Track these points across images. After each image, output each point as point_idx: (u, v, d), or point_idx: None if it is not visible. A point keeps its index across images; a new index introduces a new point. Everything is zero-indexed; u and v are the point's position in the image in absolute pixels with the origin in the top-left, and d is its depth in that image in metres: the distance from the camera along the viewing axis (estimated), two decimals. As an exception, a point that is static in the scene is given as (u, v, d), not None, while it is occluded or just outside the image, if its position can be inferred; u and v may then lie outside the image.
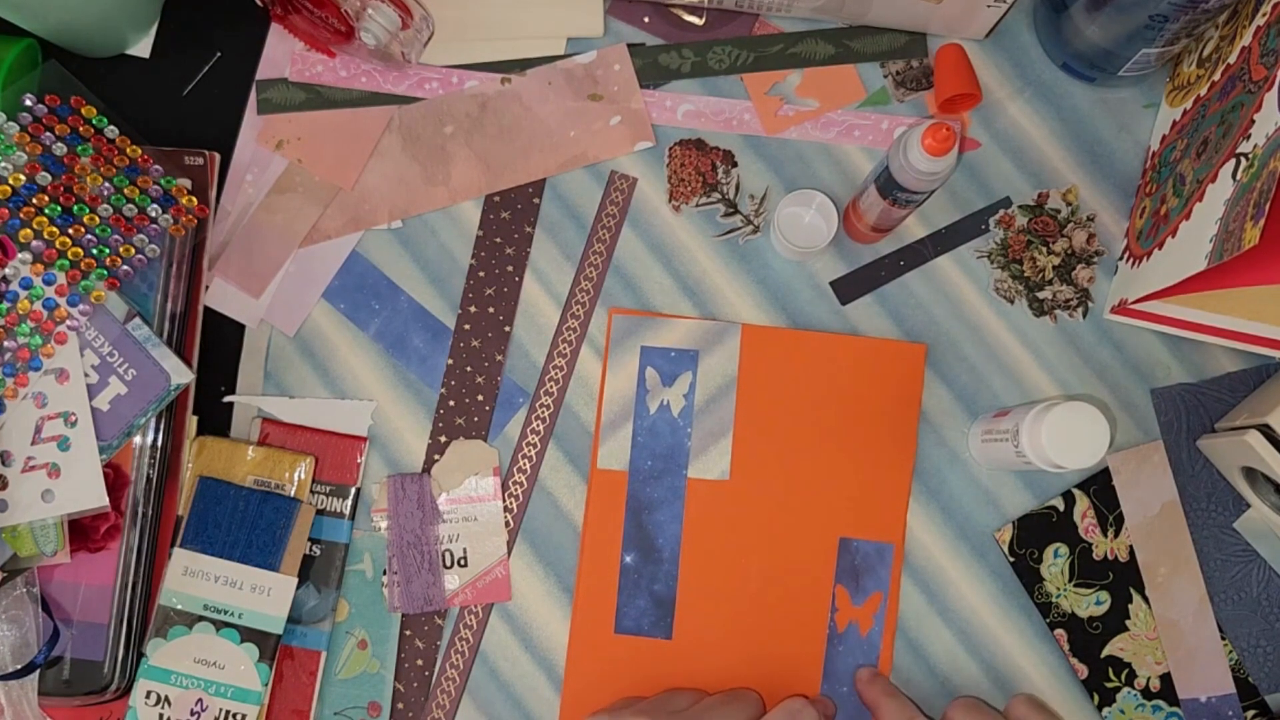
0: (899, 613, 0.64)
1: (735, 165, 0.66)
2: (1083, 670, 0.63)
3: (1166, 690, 0.63)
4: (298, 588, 0.62)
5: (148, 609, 0.61)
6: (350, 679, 0.63)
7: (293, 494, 0.63)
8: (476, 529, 0.64)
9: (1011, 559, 0.64)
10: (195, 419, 0.64)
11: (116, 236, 0.60)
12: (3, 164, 0.59)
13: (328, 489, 0.64)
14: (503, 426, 0.65)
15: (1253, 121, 0.52)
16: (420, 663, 0.63)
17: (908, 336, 0.65)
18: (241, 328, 0.66)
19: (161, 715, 0.60)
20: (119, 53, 0.67)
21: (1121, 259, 0.65)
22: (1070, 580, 0.63)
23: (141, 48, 0.67)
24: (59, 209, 0.59)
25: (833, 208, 0.64)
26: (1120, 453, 0.64)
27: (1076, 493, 0.64)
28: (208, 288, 0.65)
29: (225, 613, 0.61)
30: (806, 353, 0.64)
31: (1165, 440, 0.64)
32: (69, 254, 0.59)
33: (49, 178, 0.59)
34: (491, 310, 0.65)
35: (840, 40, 0.66)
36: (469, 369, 0.65)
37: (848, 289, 0.66)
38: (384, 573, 0.64)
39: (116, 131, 0.61)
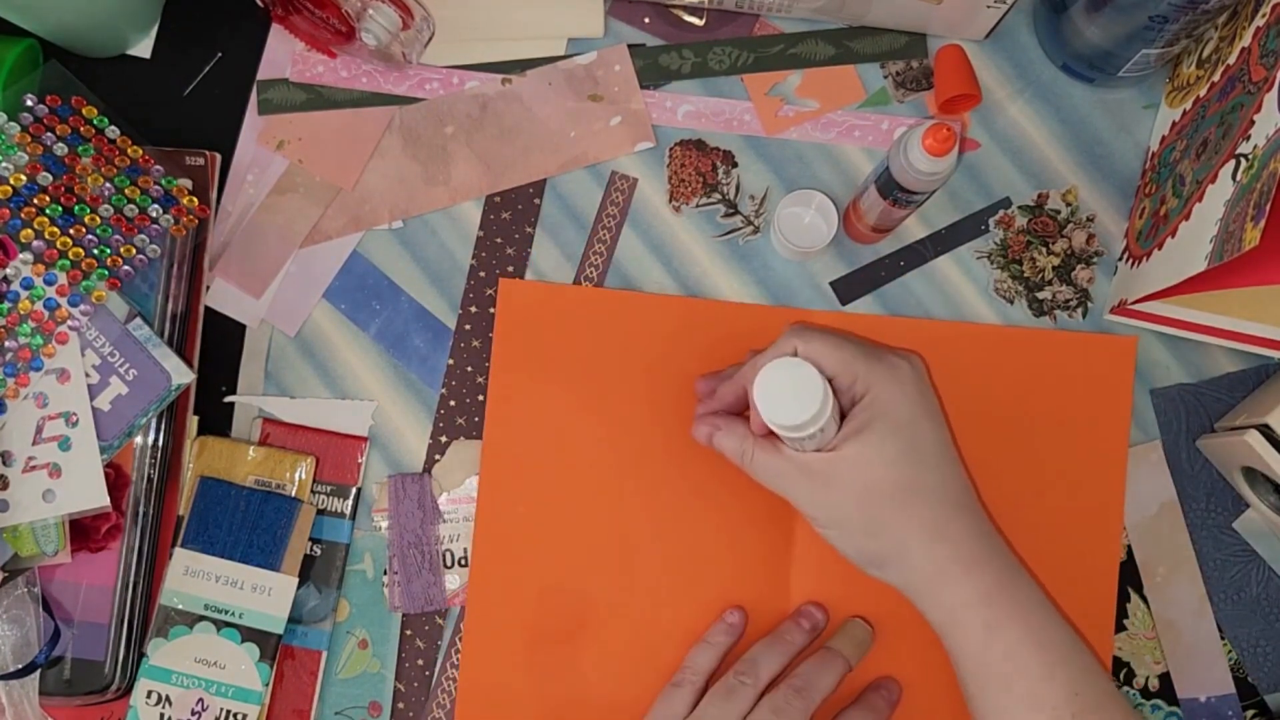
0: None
1: (735, 166, 0.67)
2: (1082, 670, 0.63)
3: (1166, 690, 0.63)
4: (298, 588, 0.62)
5: (149, 609, 0.61)
6: (351, 679, 0.63)
7: (293, 494, 0.63)
8: (477, 529, 0.64)
9: (1011, 559, 0.64)
10: (196, 419, 0.64)
11: (117, 237, 0.60)
12: (4, 164, 0.59)
13: (328, 489, 0.64)
14: (503, 426, 0.65)
15: (1252, 122, 0.53)
16: (421, 663, 0.63)
17: (908, 337, 0.66)
18: (242, 328, 0.66)
19: (162, 715, 0.60)
20: (120, 53, 0.67)
21: (1121, 259, 0.65)
22: (1070, 580, 0.64)
23: (142, 48, 0.67)
24: (60, 209, 0.59)
25: (833, 208, 0.64)
26: (1120, 453, 0.64)
27: (1076, 493, 0.64)
28: (209, 288, 0.65)
29: (226, 612, 0.61)
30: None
31: (1164, 440, 0.64)
32: (70, 254, 0.59)
33: (50, 178, 0.59)
34: (492, 310, 0.65)
35: (840, 41, 0.67)
36: (469, 369, 0.65)
37: (848, 289, 0.66)
38: (385, 573, 0.64)
39: (117, 132, 0.61)
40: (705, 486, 0.63)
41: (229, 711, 0.60)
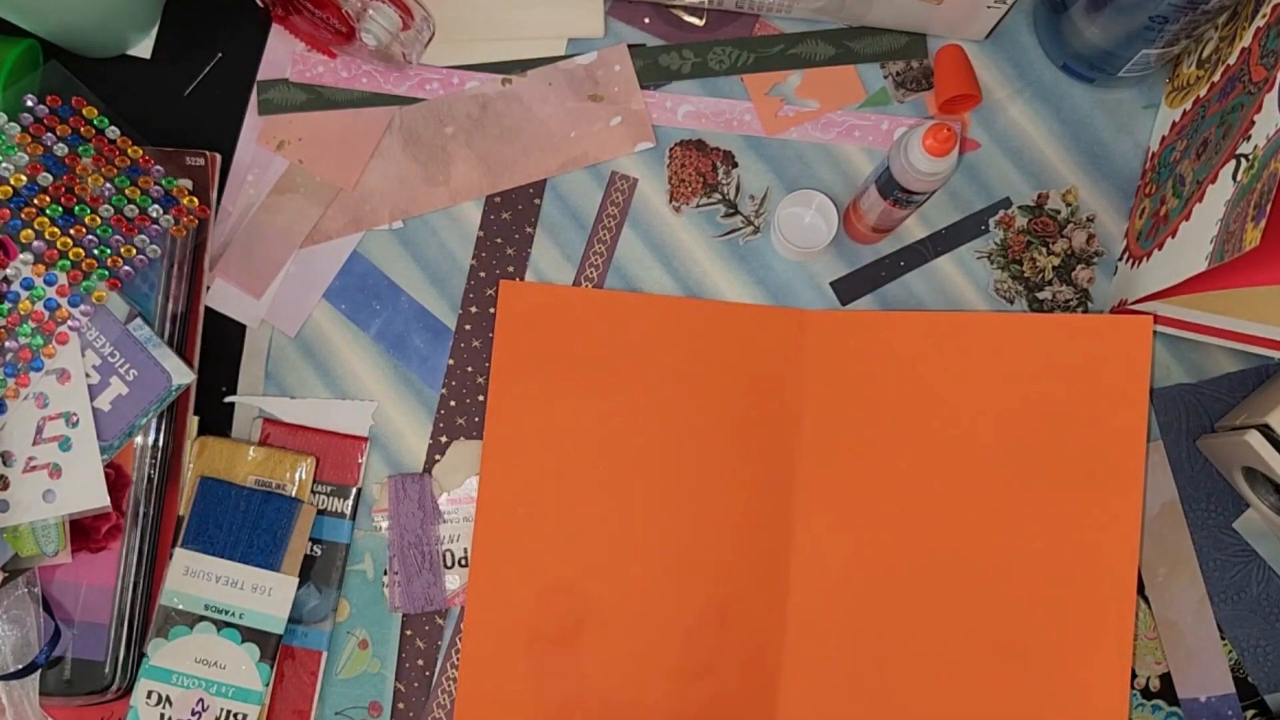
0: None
1: (736, 166, 0.67)
2: (1082, 670, 0.63)
3: (1166, 690, 0.63)
4: (299, 588, 0.62)
5: (149, 609, 0.61)
6: (351, 679, 0.63)
7: (294, 494, 0.63)
8: (477, 529, 0.64)
9: (1011, 559, 0.64)
10: (196, 419, 0.64)
11: (118, 237, 0.60)
12: (4, 164, 0.59)
13: (329, 489, 0.64)
14: (503, 427, 0.65)
15: (1252, 123, 0.52)
16: (421, 663, 0.63)
17: (908, 337, 0.65)
18: (242, 328, 0.66)
19: (163, 715, 0.60)
20: (120, 53, 0.67)
21: (1121, 259, 0.65)
22: (1070, 580, 0.64)
23: (142, 48, 0.67)
24: (60, 209, 0.59)
25: (833, 208, 0.64)
26: (1120, 453, 0.64)
27: (1076, 493, 0.64)
28: (209, 288, 0.65)
29: (226, 613, 0.61)
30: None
31: (1165, 440, 0.64)
32: (70, 254, 0.59)
33: (50, 178, 0.59)
34: (492, 310, 0.65)
35: (840, 41, 0.67)
36: (469, 369, 0.65)
37: (848, 289, 0.66)
38: (385, 573, 0.64)
39: (118, 132, 0.61)
40: (704, 486, 0.63)
41: (229, 711, 0.60)
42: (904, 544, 0.62)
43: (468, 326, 0.66)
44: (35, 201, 0.59)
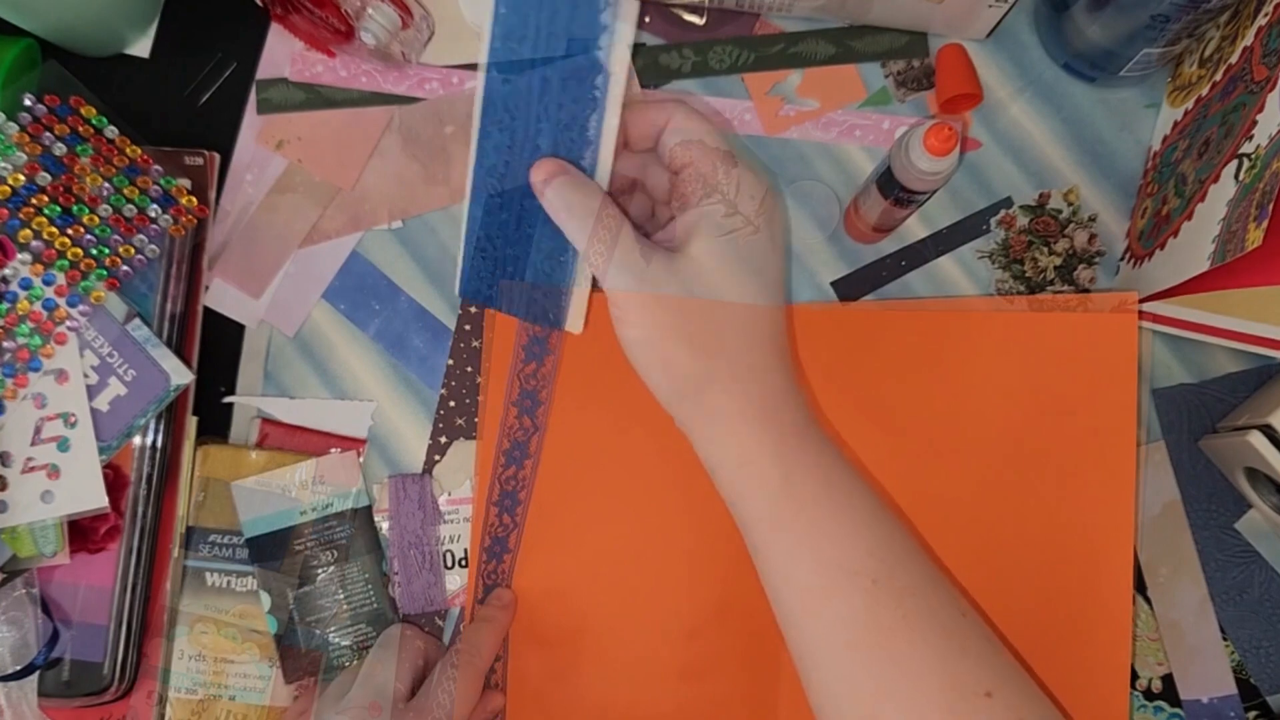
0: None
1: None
2: (1084, 671, 0.63)
3: (1168, 691, 0.63)
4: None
5: (148, 610, 0.61)
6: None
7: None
8: (477, 530, 0.64)
9: (1013, 559, 0.64)
10: (195, 419, 0.64)
11: (116, 237, 0.60)
12: (2, 164, 0.59)
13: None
14: (503, 427, 0.65)
15: (1255, 122, 0.52)
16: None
17: (909, 337, 0.65)
18: (241, 328, 0.66)
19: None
20: (118, 52, 0.67)
21: (1123, 259, 0.65)
22: (1071, 581, 0.63)
23: (141, 47, 0.67)
24: (58, 209, 0.59)
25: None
26: (1122, 453, 0.64)
27: (1078, 493, 0.64)
28: (207, 288, 0.65)
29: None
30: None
31: (1167, 441, 0.64)
32: (68, 254, 0.59)
33: (48, 178, 0.59)
34: (492, 310, 0.65)
35: (841, 40, 0.66)
36: (469, 369, 0.65)
37: (849, 289, 0.66)
38: (385, 573, 0.64)
39: (116, 131, 0.61)
40: (704, 484, 0.63)
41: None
42: None
43: (467, 326, 0.65)
44: (33, 201, 0.59)
